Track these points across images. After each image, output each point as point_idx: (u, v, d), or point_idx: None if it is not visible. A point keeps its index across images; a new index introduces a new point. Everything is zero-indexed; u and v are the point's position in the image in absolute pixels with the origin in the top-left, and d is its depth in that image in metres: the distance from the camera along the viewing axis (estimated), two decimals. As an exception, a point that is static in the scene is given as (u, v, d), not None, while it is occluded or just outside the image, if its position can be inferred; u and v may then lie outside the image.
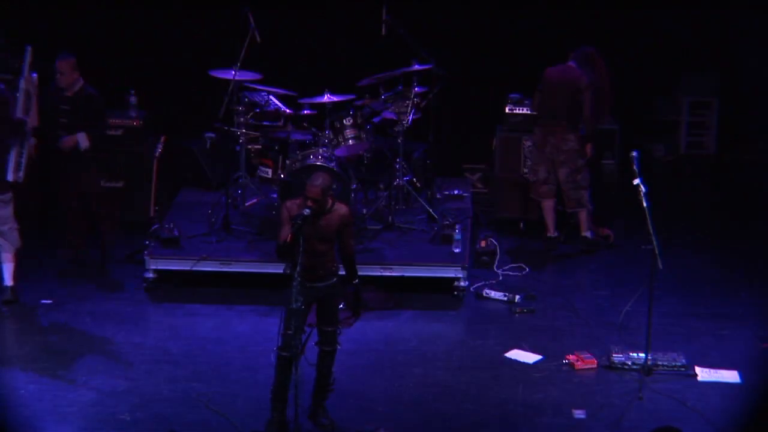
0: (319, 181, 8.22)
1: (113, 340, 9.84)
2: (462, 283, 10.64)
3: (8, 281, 10.43)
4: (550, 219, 11.74)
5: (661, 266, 9.06)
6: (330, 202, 8.33)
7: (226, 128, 11.36)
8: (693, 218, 12.47)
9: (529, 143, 11.97)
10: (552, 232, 11.76)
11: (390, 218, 11.38)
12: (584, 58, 11.42)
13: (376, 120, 11.56)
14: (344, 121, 11.21)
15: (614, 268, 11.34)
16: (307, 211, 8.13)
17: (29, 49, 10.36)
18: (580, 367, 9.39)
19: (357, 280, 8.58)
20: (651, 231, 8.99)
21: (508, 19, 13.34)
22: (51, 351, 9.60)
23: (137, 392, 9.00)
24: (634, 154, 9.30)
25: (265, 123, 11.48)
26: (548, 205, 11.71)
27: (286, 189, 10.81)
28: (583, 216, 11.61)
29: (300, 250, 8.01)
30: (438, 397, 9.03)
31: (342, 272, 8.54)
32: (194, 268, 10.65)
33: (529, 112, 12.04)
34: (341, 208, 8.36)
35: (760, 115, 13.58)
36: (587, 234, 11.64)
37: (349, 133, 11.23)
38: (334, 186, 10.62)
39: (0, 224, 10.26)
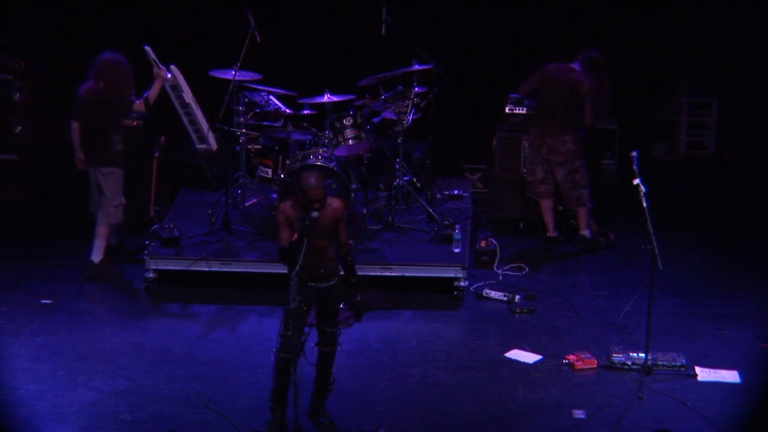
0: (314, 180, 8.15)
1: (113, 340, 9.85)
2: (462, 283, 10.63)
3: (94, 257, 10.83)
4: (549, 219, 11.73)
5: (661, 266, 9.06)
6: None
7: (226, 128, 11.36)
8: (693, 218, 12.46)
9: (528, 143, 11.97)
10: (552, 232, 11.76)
11: (390, 218, 11.37)
12: (590, 62, 11.31)
13: (376, 120, 11.57)
14: (344, 121, 11.21)
15: (614, 268, 11.34)
16: (315, 214, 8.09)
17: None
18: (580, 367, 9.39)
19: (354, 281, 8.51)
20: (651, 231, 8.99)
21: (508, 19, 13.33)
22: (51, 351, 9.60)
23: (137, 392, 8.99)
24: (634, 154, 9.29)
25: (265, 123, 11.48)
26: (546, 204, 11.70)
27: (286, 189, 10.81)
28: (582, 214, 11.61)
29: (303, 250, 8.00)
30: (438, 397, 9.02)
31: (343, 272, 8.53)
32: (194, 268, 10.67)
33: (528, 112, 12.03)
34: (334, 202, 8.30)
35: (760, 115, 13.58)
36: (585, 233, 11.64)
37: (349, 133, 11.23)
38: (334, 186, 10.69)
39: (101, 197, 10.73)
